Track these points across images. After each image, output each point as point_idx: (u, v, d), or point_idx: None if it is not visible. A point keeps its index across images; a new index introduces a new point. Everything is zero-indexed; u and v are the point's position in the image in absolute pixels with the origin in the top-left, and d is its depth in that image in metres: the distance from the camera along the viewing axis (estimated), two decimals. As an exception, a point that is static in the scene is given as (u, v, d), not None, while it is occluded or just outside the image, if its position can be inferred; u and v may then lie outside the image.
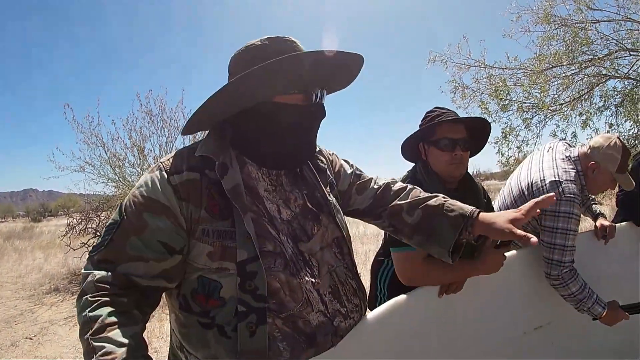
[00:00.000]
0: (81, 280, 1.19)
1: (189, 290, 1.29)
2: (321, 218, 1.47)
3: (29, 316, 7.09)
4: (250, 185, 1.36)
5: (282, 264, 1.30)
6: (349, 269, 1.51)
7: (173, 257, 1.24)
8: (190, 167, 1.29)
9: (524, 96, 7.94)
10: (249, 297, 1.22)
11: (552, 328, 2.30)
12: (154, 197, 1.24)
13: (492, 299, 2.06)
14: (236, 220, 1.26)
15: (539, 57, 7.84)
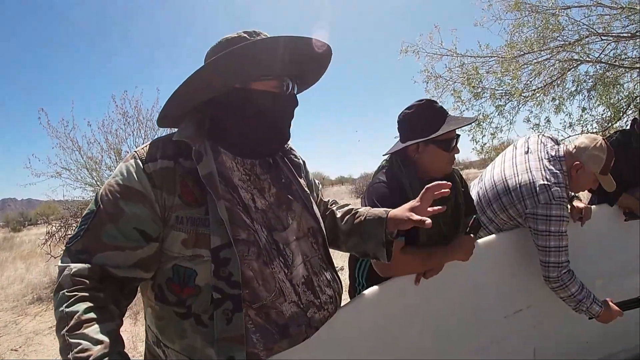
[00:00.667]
0: (58, 273, 1.19)
1: (164, 280, 1.30)
2: (295, 207, 1.50)
3: (13, 327, 7.01)
4: (224, 174, 1.38)
5: (255, 252, 1.32)
6: (324, 260, 1.54)
7: (149, 244, 1.25)
8: (164, 156, 1.32)
9: (496, 83, 8.01)
10: (224, 283, 1.24)
11: (532, 311, 2.36)
12: (129, 185, 1.26)
13: (471, 284, 2.11)
14: (210, 207, 1.28)
15: (510, 45, 7.89)
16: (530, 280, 2.36)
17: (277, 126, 1.46)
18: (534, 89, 7.87)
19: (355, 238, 1.72)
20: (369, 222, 1.67)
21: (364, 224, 1.68)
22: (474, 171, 39.65)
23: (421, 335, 1.94)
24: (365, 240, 1.68)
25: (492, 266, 2.27)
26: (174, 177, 1.29)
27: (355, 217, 1.73)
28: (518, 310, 2.33)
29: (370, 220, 1.66)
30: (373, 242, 1.65)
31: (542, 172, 2.36)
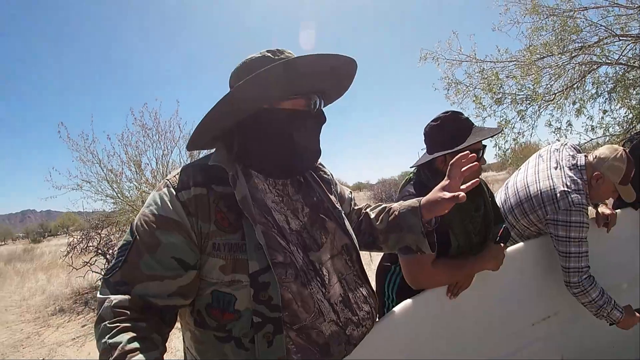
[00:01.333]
0: (97, 305, 1.18)
1: (204, 306, 1.29)
2: (328, 226, 1.49)
3: (36, 339, 7.06)
4: (257, 198, 1.38)
5: (293, 274, 1.31)
6: (359, 276, 1.52)
7: (188, 273, 1.24)
8: (196, 183, 1.30)
9: (517, 88, 7.93)
10: (264, 307, 1.22)
11: (560, 318, 2.35)
12: (165, 214, 1.25)
13: (500, 293, 2.10)
14: (246, 232, 1.27)
15: (529, 49, 7.83)
16: (558, 287, 2.33)
17: (307, 144, 1.44)
18: (555, 93, 7.78)
19: (394, 235, 1.69)
20: (403, 215, 1.65)
21: (399, 218, 1.66)
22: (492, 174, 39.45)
23: (452, 345, 1.92)
24: (404, 234, 1.65)
25: (519, 274, 2.26)
26: (208, 204, 1.28)
27: (390, 213, 1.71)
28: (546, 317, 2.31)
29: (405, 213, 1.65)
30: (412, 234, 1.63)
31: (563, 179, 2.36)
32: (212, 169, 1.33)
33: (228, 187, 1.31)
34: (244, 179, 1.35)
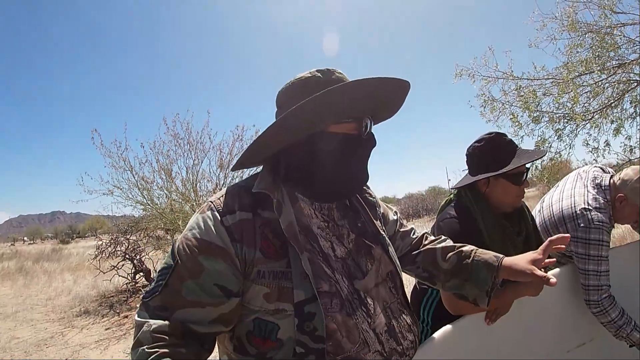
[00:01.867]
0: (135, 329, 1.15)
1: (244, 333, 1.24)
2: (374, 252, 1.44)
3: (60, 339, 7.13)
4: (303, 223, 1.34)
5: (339, 304, 1.26)
6: (402, 303, 1.47)
7: (230, 300, 1.20)
8: (242, 207, 1.27)
9: (554, 106, 7.79)
10: (307, 338, 1.18)
11: (595, 344, 2.29)
12: (208, 240, 1.21)
13: (536, 319, 2.05)
14: (292, 260, 1.23)
15: (566, 66, 7.69)
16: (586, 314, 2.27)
17: (356, 169, 1.40)
18: (592, 112, 7.63)
19: (457, 280, 1.63)
20: (476, 267, 1.59)
21: (471, 267, 1.60)
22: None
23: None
24: (468, 285, 1.60)
25: (557, 299, 2.21)
26: (254, 230, 1.24)
27: (461, 257, 1.64)
28: (580, 344, 2.25)
29: (479, 265, 1.59)
30: (476, 289, 1.57)
31: (585, 197, 2.35)
32: (259, 193, 1.30)
33: (274, 213, 1.27)
34: (289, 203, 1.32)
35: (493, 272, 1.55)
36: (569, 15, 7.67)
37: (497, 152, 2.11)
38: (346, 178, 1.38)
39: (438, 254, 1.69)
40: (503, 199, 2.12)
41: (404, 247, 1.74)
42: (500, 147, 2.13)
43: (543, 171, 8.15)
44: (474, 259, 1.60)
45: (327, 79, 1.33)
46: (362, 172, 1.41)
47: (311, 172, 1.34)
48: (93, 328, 7.68)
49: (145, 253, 11.11)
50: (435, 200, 30.89)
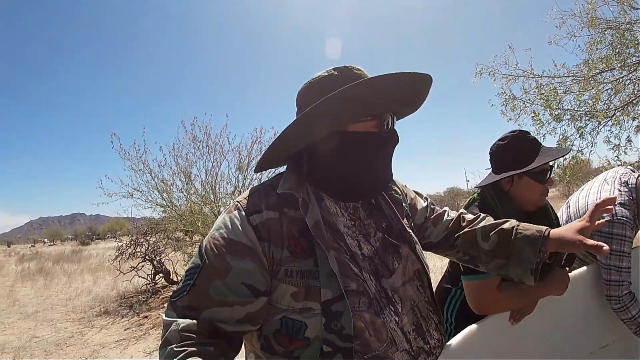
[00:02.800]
0: (163, 328, 1.15)
1: (272, 332, 1.23)
2: (401, 250, 1.42)
3: (80, 339, 7.18)
4: (330, 222, 1.33)
5: (366, 302, 1.24)
6: (430, 302, 1.45)
7: (258, 299, 1.19)
8: (269, 206, 1.27)
9: (575, 104, 7.70)
10: (335, 337, 1.17)
11: (618, 346, 2.24)
12: (236, 239, 1.21)
13: (559, 319, 2.03)
14: (319, 259, 1.22)
15: (587, 63, 7.60)
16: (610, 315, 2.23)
17: (379, 167, 1.38)
18: (614, 109, 7.52)
19: (499, 260, 1.58)
20: (518, 244, 1.54)
21: (512, 244, 1.55)
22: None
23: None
24: (511, 265, 1.55)
25: (580, 299, 2.18)
26: (281, 229, 1.24)
27: (502, 235, 1.59)
28: (604, 346, 2.20)
29: (521, 241, 1.54)
30: (519, 268, 1.52)
31: (609, 194, 2.31)
32: (286, 192, 1.29)
33: (300, 211, 1.27)
34: (315, 201, 1.31)
35: (536, 247, 1.50)
36: (588, 12, 7.62)
37: (521, 150, 2.09)
38: (368, 177, 1.37)
39: (478, 234, 1.64)
40: (527, 197, 2.10)
41: (439, 232, 1.69)
42: (523, 145, 2.10)
43: (565, 170, 8.06)
44: (515, 236, 1.56)
45: (343, 76, 1.31)
46: (384, 171, 1.40)
47: (332, 172, 1.33)
48: (113, 328, 7.73)
49: (165, 254, 11.18)
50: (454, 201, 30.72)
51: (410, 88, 1.35)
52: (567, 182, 8.80)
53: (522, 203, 2.11)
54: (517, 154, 2.10)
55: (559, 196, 24.96)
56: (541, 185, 2.07)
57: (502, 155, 2.15)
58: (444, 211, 1.77)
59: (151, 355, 5.94)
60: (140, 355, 6.00)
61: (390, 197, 1.55)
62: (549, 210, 2.24)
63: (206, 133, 10.29)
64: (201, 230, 9.50)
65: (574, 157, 7.86)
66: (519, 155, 2.09)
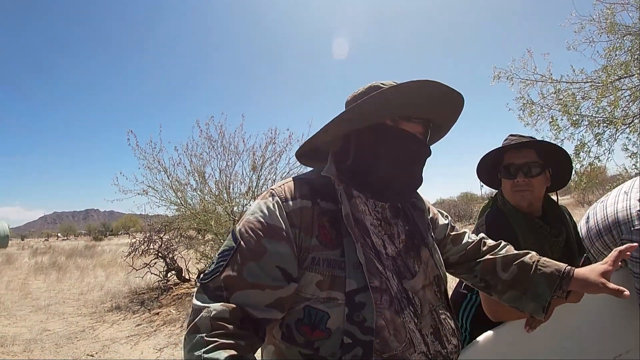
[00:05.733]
0: (192, 312, 1.14)
1: (294, 320, 1.24)
2: (422, 255, 1.44)
3: (90, 333, 7.22)
4: (358, 218, 1.34)
5: (388, 301, 1.26)
6: (447, 308, 1.46)
7: (290, 285, 1.20)
8: (303, 195, 1.30)
9: (593, 110, 7.62)
10: (356, 328, 1.18)
11: (633, 355, 2.20)
12: (272, 223, 1.23)
13: (572, 328, 2.00)
14: (346, 249, 1.24)
15: (605, 69, 7.52)
16: (632, 324, 2.18)
17: (416, 170, 1.42)
18: (633, 116, 7.43)
19: (514, 292, 1.61)
20: (536, 280, 1.56)
21: (530, 280, 1.57)
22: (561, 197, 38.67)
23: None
24: (525, 299, 1.57)
25: (597, 307, 2.11)
26: (312, 218, 1.27)
27: (522, 267, 1.61)
28: (618, 356, 2.15)
29: (539, 278, 1.56)
30: (533, 303, 1.55)
31: (626, 204, 2.22)
32: (318, 185, 1.34)
33: (331, 204, 1.31)
34: (346, 197, 1.34)
35: (554, 285, 1.53)
36: (607, 17, 7.55)
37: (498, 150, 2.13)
38: (406, 178, 1.40)
39: (498, 263, 1.66)
40: (507, 196, 2.12)
41: (457, 252, 1.71)
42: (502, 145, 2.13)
43: (582, 177, 7.98)
44: (535, 271, 1.58)
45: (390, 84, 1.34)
46: (419, 176, 1.43)
47: (375, 166, 1.35)
48: (124, 323, 7.77)
49: (177, 252, 11.24)
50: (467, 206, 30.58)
51: (452, 104, 1.42)
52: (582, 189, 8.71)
53: (516, 205, 2.09)
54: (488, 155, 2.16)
55: (574, 203, 24.74)
56: (509, 181, 2.08)
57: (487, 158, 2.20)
58: (463, 232, 1.78)
59: (161, 352, 5.96)
60: (151, 352, 6.02)
61: (412, 205, 1.57)
62: (564, 214, 2.22)
63: (221, 133, 10.32)
64: (214, 229, 9.54)
65: (591, 164, 7.78)
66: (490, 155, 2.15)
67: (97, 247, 29.77)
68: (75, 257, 21.09)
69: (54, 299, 10.68)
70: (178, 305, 8.60)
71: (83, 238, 64.90)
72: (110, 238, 54.36)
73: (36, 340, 6.88)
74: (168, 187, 10.25)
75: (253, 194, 9.91)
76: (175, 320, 7.51)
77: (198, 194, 10.39)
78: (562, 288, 1.52)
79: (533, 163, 2.07)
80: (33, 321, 8.36)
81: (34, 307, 9.75)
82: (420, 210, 1.59)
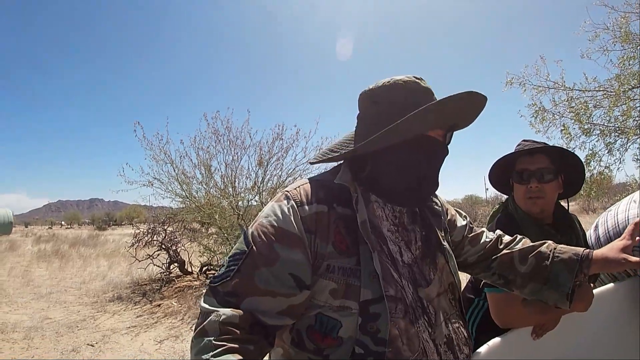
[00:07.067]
0: (201, 315, 1.12)
1: (305, 327, 1.22)
2: (438, 262, 1.41)
3: (91, 323, 7.23)
4: (375, 224, 1.31)
5: (403, 310, 1.22)
6: (460, 316, 1.44)
7: (302, 292, 1.17)
8: (319, 200, 1.26)
9: (605, 119, 7.57)
10: (369, 339, 1.15)
11: None
12: (285, 228, 1.19)
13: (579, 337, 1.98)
14: (362, 258, 1.21)
15: (619, 78, 7.47)
16: (637, 334, 2.16)
17: (435, 174, 1.39)
18: (644, 125, 7.37)
19: (534, 284, 1.58)
20: (556, 268, 1.54)
21: (549, 269, 1.55)
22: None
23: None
24: (546, 290, 1.55)
25: (602, 318, 2.09)
26: (328, 223, 1.23)
27: (539, 258, 1.59)
28: (629, 363, 2.18)
29: (558, 266, 1.54)
30: (555, 293, 1.53)
31: (637, 211, 2.21)
32: (334, 188, 1.30)
33: (348, 209, 1.27)
34: (363, 202, 1.30)
35: (574, 271, 1.50)
36: (622, 26, 7.49)
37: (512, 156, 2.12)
38: (428, 182, 1.37)
39: (516, 257, 1.64)
40: (520, 203, 2.10)
41: (475, 252, 1.69)
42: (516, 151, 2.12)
43: (591, 186, 7.93)
44: (553, 259, 1.55)
45: (422, 86, 1.34)
46: (437, 178, 1.40)
47: (399, 172, 1.32)
48: (125, 314, 7.78)
49: (181, 244, 11.24)
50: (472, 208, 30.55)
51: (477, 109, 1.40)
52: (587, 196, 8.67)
53: (528, 211, 2.08)
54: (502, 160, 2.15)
55: (578, 210, 24.69)
56: (522, 186, 2.06)
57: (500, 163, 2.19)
58: (482, 232, 1.76)
59: (162, 344, 5.96)
60: (151, 343, 6.02)
61: (429, 209, 1.54)
62: (574, 221, 2.20)
63: (227, 127, 10.30)
64: (218, 223, 9.54)
65: (601, 173, 7.73)
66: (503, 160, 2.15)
67: (100, 236, 29.83)
68: (78, 246, 21.18)
69: (55, 287, 10.74)
70: (180, 297, 8.60)
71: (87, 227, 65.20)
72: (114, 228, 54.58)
73: (37, 328, 6.89)
74: (174, 179, 10.27)
75: (259, 189, 9.91)
76: (176, 313, 7.50)
77: (203, 187, 10.39)
78: (584, 272, 1.50)
79: (546, 169, 2.04)
80: (34, 309, 8.39)
81: (35, 295, 9.79)
82: (436, 214, 1.55)
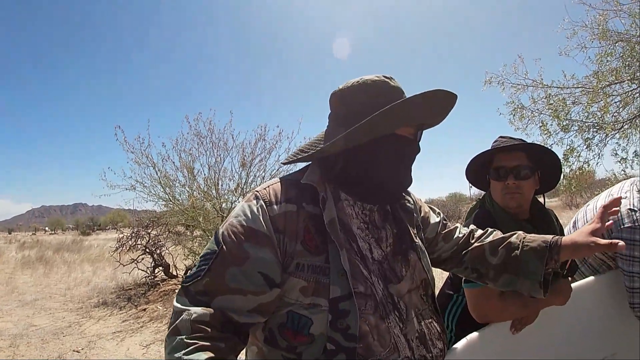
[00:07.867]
0: (173, 315, 1.14)
1: (277, 325, 1.24)
2: (410, 258, 1.43)
3: (77, 329, 7.19)
4: (344, 222, 1.33)
5: (373, 306, 1.26)
6: (433, 312, 1.46)
7: (272, 290, 1.19)
8: (288, 199, 1.28)
9: (583, 115, 7.64)
10: (340, 335, 1.18)
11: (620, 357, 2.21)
12: (255, 227, 1.21)
13: (558, 330, 2.01)
14: (331, 256, 1.23)
15: (597, 75, 7.55)
16: (619, 327, 2.20)
17: (406, 173, 1.41)
18: (622, 121, 7.46)
19: (507, 275, 1.58)
20: (526, 258, 1.54)
21: (519, 259, 1.55)
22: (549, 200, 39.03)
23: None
24: (519, 280, 1.55)
25: (582, 310, 2.13)
26: (297, 222, 1.25)
27: (510, 248, 1.60)
28: (604, 358, 2.16)
29: (528, 255, 1.54)
30: (528, 282, 1.53)
31: (630, 200, 2.22)
32: (305, 188, 1.31)
33: (318, 208, 1.28)
34: (332, 201, 1.32)
35: (544, 258, 1.50)
36: (600, 24, 7.56)
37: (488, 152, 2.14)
38: (398, 180, 1.39)
39: (487, 249, 1.65)
40: (497, 198, 2.11)
41: (449, 248, 1.70)
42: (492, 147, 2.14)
43: (571, 181, 8.01)
44: (522, 249, 1.56)
45: (392, 85, 1.36)
46: (409, 176, 1.42)
47: (368, 172, 1.34)
48: (110, 319, 7.75)
49: (165, 248, 11.16)
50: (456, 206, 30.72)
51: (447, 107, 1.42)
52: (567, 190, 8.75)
53: (505, 207, 2.10)
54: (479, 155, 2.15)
55: (562, 206, 24.88)
56: (499, 183, 2.08)
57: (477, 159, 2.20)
58: (455, 227, 1.76)
59: (148, 349, 5.95)
60: (137, 348, 6.00)
61: (401, 207, 1.55)
62: (552, 219, 2.22)
63: (210, 129, 10.31)
64: (202, 226, 9.54)
65: (580, 168, 7.81)
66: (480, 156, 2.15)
67: (84, 241, 29.63)
68: (62, 252, 21.02)
69: (40, 294, 10.66)
70: (165, 301, 8.57)
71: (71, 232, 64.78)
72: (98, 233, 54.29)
73: (22, 335, 6.85)
74: (156, 183, 10.24)
75: (242, 190, 9.91)
76: (162, 317, 7.48)
77: (187, 189, 10.38)
78: (554, 258, 1.50)
79: (523, 166, 2.06)
80: (19, 316, 8.33)
81: (20, 302, 9.72)
82: (409, 211, 1.57)
